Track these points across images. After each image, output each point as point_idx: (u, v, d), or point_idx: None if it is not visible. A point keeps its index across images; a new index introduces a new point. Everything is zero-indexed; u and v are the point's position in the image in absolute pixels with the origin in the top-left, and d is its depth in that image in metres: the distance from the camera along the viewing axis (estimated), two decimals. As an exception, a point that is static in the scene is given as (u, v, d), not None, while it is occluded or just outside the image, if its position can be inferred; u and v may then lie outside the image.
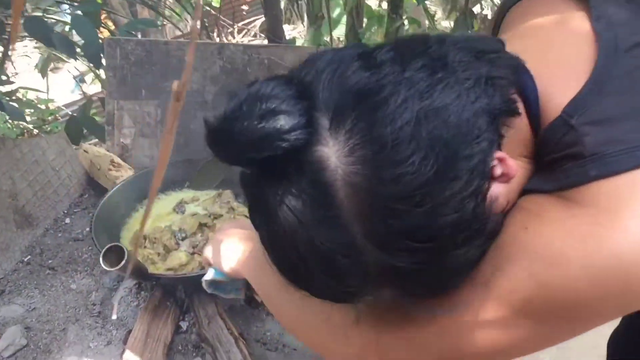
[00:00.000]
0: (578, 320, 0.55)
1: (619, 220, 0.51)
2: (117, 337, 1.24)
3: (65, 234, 1.58)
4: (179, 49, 1.80)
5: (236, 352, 1.14)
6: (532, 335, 0.57)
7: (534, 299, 0.55)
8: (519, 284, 0.55)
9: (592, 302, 0.53)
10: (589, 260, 0.51)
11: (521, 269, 0.55)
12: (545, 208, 0.57)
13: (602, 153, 0.53)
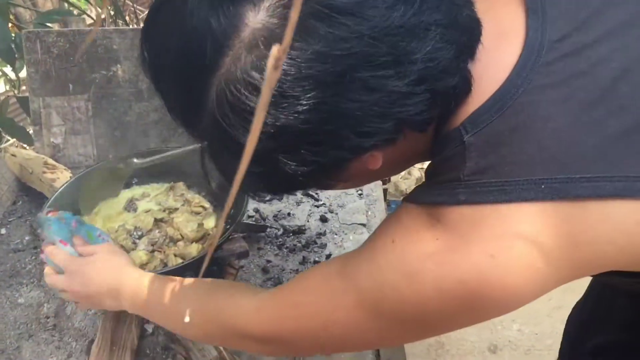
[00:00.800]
0: (431, 327, 0.65)
1: (469, 250, 0.56)
2: (78, 349, 1.16)
3: (3, 245, 1.46)
4: (105, 37, 1.69)
5: (210, 349, 1.09)
6: (399, 334, 0.68)
7: (398, 310, 0.62)
8: (383, 293, 0.62)
9: (442, 316, 0.61)
10: (441, 283, 0.58)
11: (386, 281, 0.62)
12: (416, 224, 0.62)
13: (476, 181, 0.57)
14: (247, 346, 0.83)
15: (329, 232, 1.49)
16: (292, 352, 0.85)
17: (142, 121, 1.75)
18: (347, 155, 0.59)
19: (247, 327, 0.77)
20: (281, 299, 0.76)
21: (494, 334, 2.12)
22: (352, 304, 0.66)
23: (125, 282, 0.94)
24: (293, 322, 0.73)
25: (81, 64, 1.70)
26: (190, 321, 0.86)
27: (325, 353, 0.81)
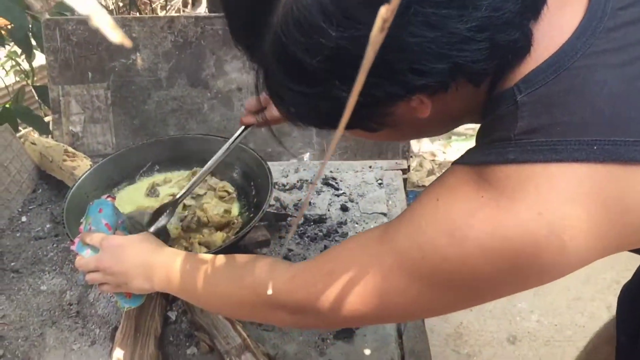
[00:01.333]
0: (474, 292, 0.62)
1: (517, 208, 0.55)
2: (102, 336, 1.16)
3: (24, 233, 1.47)
4: (125, 25, 1.69)
5: (235, 336, 1.09)
6: (440, 300, 0.64)
7: (438, 271, 0.61)
8: (423, 253, 0.61)
9: (486, 277, 0.59)
10: (484, 241, 0.56)
11: (426, 241, 0.61)
12: (461, 183, 0.61)
13: (527, 140, 0.56)
14: (278, 317, 0.80)
15: (350, 221, 1.48)
16: (323, 323, 0.79)
17: (161, 110, 1.75)
18: (399, 92, 0.58)
19: (280, 295, 0.76)
20: (317, 266, 0.74)
21: (512, 325, 2.11)
22: (390, 266, 0.64)
23: (160, 259, 0.94)
24: (326, 292, 0.71)
25: (100, 52, 1.70)
26: (225, 291, 0.84)
27: (358, 324, 0.78)
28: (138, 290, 0.97)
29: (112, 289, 0.99)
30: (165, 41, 1.70)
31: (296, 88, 0.59)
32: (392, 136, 0.71)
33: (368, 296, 0.67)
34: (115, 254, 0.97)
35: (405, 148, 1.80)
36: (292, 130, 1.75)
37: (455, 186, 0.62)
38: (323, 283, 0.71)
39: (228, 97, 1.74)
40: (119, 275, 0.96)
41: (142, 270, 0.94)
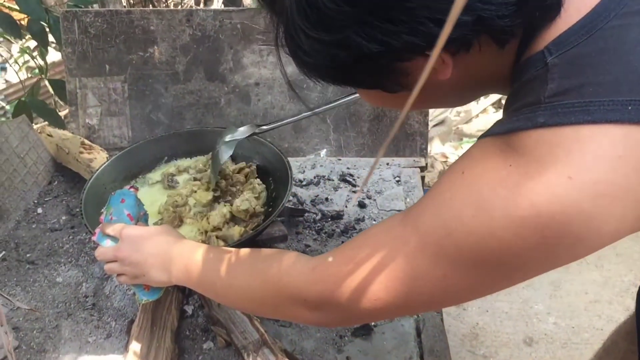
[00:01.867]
0: (502, 270, 0.58)
1: (545, 173, 0.52)
2: (117, 329, 1.15)
3: (40, 224, 1.46)
4: (143, 17, 1.68)
5: (252, 332, 1.07)
6: (466, 283, 0.60)
7: (464, 248, 0.57)
8: (447, 230, 0.57)
9: (514, 251, 0.54)
10: (512, 210, 0.53)
11: (451, 216, 0.57)
12: (488, 155, 0.58)
13: (557, 102, 0.53)
14: (298, 314, 0.77)
15: (368, 218, 1.46)
16: (345, 318, 0.75)
17: (178, 103, 1.74)
18: (418, 42, 0.55)
19: (301, 289, 0.73)
20: (338, 255, 0.71)
21: (529, 327, 2.08)
22: (414, 248, 0.61)
23: (178, 251, 0.92)
24: (349, 281, 0.68)
25: (118, 44, 1.69)
26: (245, 286, 0.82)
27: (380, 316, 0.73)
28: (155, 281, 0.95)
29: (130, 280, 0.97)
30: (184, 34, 1.69)
31: (315, 35, 0.58)
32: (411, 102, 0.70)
33: (391, 283, 0.64)
34: (134, 244, 0.95)
35: (422, 146, 1.77)
36: (309, 127, 1.74)
37: (482, 158, 0.59)
38: (344, 271, 0.68)
39: (245, 92, 1.73)
40: (137, 265, 0.94)
41: (160, 261, 0.92)
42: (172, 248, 0.93)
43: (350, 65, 0.60)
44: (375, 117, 1.73)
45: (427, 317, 1.19)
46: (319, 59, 0.61)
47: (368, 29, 0.55)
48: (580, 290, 2.22)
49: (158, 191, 1.35)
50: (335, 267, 0.70)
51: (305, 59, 0.62)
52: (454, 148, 3.63)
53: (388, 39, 0.55)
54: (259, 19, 1.68)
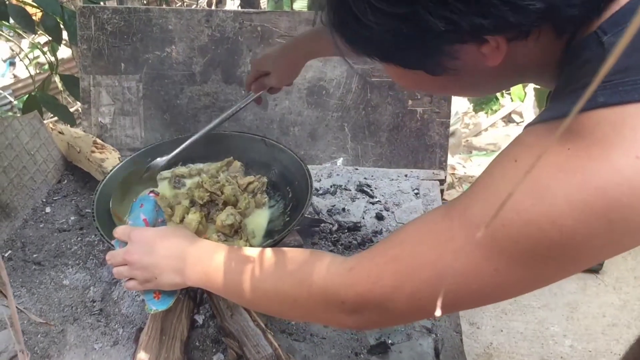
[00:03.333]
0: (560, 261, 0.55)
1: (610, 154, 0.49)
2: (125, 337, 1.11)
3: (48, 224, 1.42)
4: (162, 16, 1.64)
5: (266, 346, 1.02)
6: (519, 277, 0.57)
7: (521, 239, 0.53)
8: (503, 221, 0.54)
9: (577, 240, 0.51)
10: (575, 195, 0.50)
11: (509, 205, 0.54)
12: (542, 140, 0.56)
13: (617, 81, 0.50)
14: (334, 318, 0.73)
15: (386, 231, 1.41)
16: (384, 319, 0.71)
17: (193, 105, 1.70)
18: (487, 25, 0.54)
19: (338, 291, 0.69)
20: (377, 254, 0.67)
21: (545, 349, 2.02)
22: (463, 244, 0.58)
23: (194, 251, 0.87)
24: (391, 278, 0.64)
25: (134, 42, 1.65)
26: (274, 288, 0.77)
27: (425, 316, 0.71)
28: (167, 285, 0.90)
29: (140, 285, 0.91)
30: (202, 35, 1.65)
31: (381, 6, 0.56)
32: (449, 87, 0.68)
33: (436, 281, 0.60)
34: (144, 246, 0.90)
35: (442, 158, 1.73)
36: (326, 134, 1.69)
37: (535, 144, 0.56)
38: (387, 271, 0.65)
39: (263, 96, 1.68)
40: (148, 268, 0.89)
41: (173, 263, 0.87)
42: (186, 249, 0.88)
43: (406, 41, 0.59)
44: (395, 127, 1.69)
45: (446, 336, 1.14)
46: (377, 31, 0.59)
47: (438, 6, 0.54)
48: (597, 313, 2.15)
49: (165, 187, 1.30)
50: (375, 267, 0.66)
51: (361, 31, 0.60)
52: (463, 160, 3.58)
53: (456, 18, 0.54)
54: (280, 21, 1.64)
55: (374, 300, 0.66)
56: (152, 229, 0.96)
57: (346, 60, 0.70)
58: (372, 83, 1.67)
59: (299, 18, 1.64)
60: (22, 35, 3.24)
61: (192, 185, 1.30)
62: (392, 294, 0.64)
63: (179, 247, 0.89)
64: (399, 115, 1.68)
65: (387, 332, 1.12)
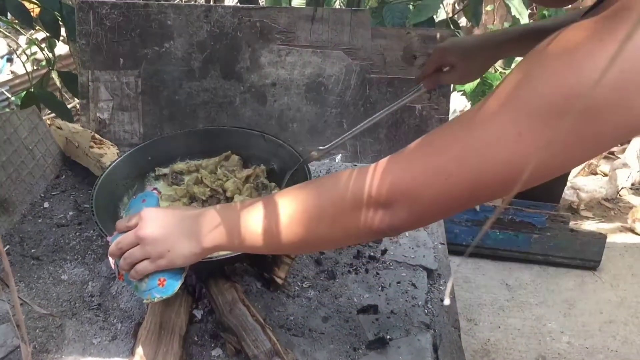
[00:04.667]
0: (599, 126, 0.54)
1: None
2: (123, 331, 1.10)
3: (46, 219, 1.42)
4: (161, 12, 1.64)
5: (264, 340, 1.02)
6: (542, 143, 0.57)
7: (560, 105, 0.54)
8: (543, 91, 0.55)
9: (612, 104, 0.52)
10: (612, 59, 0.50)
11: (544, 77, 0.55)
12: (579, 23, 0.55)
13: None
14: (362, 218, 0.72)
15: (384, 227, 1.41)
16: (414, 214, 0.69)
17: (192, 101, 1.69)
18: None
19: (371, 187, 0.69)
20: (411, 145, 0.68)
21: (542, 346, 2.03)
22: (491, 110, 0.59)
23: (205, 215, 0.85)
24: (421, 161, 0.65)
25: (133, 38, 1.65)
26: (302, 211, 0.76)
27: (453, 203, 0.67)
28: (182, 256, 0.87)
29: (152, 264, 0.88)
30: (201, 31, 1.64)
31: None
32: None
33: (465, 153, 0.61)
34: (155, 220, 0.88)
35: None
36: (325, 130, 1.69)
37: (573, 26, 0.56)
38: (416, 157, 0.66)
39: (262, 92, 1.68)
40: (161, 241, 0.87)
41: (186, 230, 0.86)
42: (197, 216, 0.87)
43: None
44: (394, 123, 1.69)
45: (444, 332, 1.14)
46: None
47: None
48: (594, 310, 2.16)
49: (161, 185, 1.30)
50: (404, 156, 0.67)
51: None
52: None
53: None
54: (279, 17, 1.63)
55: (403, 188, 0.66)
56: (160, 207, 0.94)
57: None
58: (371, 79, 1.67)
59: (298, 14, 1.64)
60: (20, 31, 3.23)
61: (191, 181, 1.30)
62: (424, 179, 0.65)
63: (190, 215, 0.88)
64: (398, 112, 1.68)
65: (386, 328, 1.12)
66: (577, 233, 2.47)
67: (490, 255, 2.54)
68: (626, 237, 2.76)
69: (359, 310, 1.16)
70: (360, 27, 1.64)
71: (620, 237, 2.76)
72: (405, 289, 1.23)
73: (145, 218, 0.89)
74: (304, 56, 1.65)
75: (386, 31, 1.67)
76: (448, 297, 1.22)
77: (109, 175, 1.17)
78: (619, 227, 2.86)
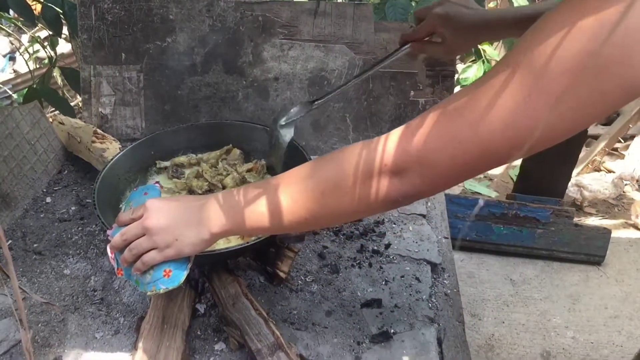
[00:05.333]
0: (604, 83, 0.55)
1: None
2: (126, 326, 1.10)
3: (48, 214, 1.41)
4: (163, 6, 1.63)
5: (267, 334, 1.02)
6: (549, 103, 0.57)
7: (567, 64, 0.55)
8: (550, 52, 0.55)
9: (616, 60, 0.53)
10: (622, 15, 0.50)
11: (551, 37, 0.55)
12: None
13: None
14: (374, 186, 0.72)
15: (387, 221, 1.41)
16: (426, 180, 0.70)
17: (194, 96, 1.69)
18: None
19: (386, 156, 0.69)
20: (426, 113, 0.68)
21: (547, 341, 2.02)
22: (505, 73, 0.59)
23: (212, 200, 0.85)
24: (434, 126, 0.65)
25: (135, 32, 1.64)
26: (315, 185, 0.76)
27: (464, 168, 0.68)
28: (190, 244, 0.87)
29: (160, 254, 0.88)
30: (203, 25, 1.64)
31: None
32: None
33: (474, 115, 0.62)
34: (161, 210, 0.88)
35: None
36: (328, 125, 1.69)
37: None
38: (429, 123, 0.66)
39: (264, 87, 1.68)
40: (168, 229, 0.86)
41: (194, 217, 0.86)
42: (204, 202, 0.87)
43: None
44: (397, 117, 1.68)
45: (449, 326, 1.14)
46: None
47: None
48: (599, 305, 2.15)
49: (162, 178, 1.30)
50: (417, 122, 0.68)
51: None
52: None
53: None
54: (281, 11, 1.63)
55: (417, 155, 0.67)
56: (164, 197, 0.94)
57: None
58: (374, 73, 1.66)
59: (300, 8, 1.63)
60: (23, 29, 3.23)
61: (191, 174, 1.29)
62: (437, 144, 0.65)
63: (196, 202, 0.87)
64: (401, 106, 1.68)
65: (390, 322, 1.11)
66: (581, 228, 2.46)
67: (494, 251, 2.53)
68: (630, 233, 2.75)
69: (363, 304, 1.16)
70: (363, 21, 1.63)
71: (625, 233, 2.75)
72: (409, 282, 1.22)
73: (150, 208, 0.88)
74: (307, 50, 1.64)
75: (389, 25, 1.66)
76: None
77: (111, 169, 1.16)
78: (622, 223, 2.85)
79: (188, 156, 1.33)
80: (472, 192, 3.08)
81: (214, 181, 1.20)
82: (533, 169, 2.70)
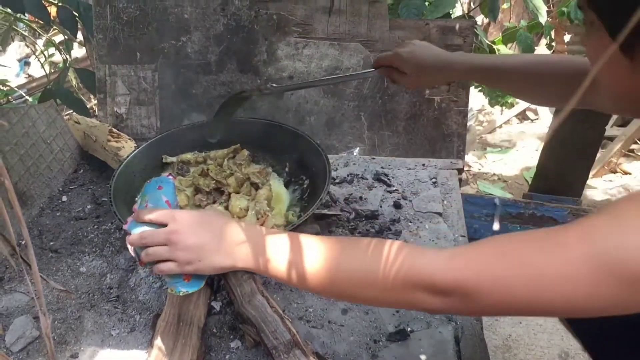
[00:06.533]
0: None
1: None
2: (142, 323, 1.10)
3: (64, 212, 1.42)
4: (177, 5, 1.63)
5: (284, 332, 1.01)
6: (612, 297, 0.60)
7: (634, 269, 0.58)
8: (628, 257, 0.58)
9: None
10: None
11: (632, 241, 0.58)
12: None
13: None
14: (415, 297, 0.74)
15: (403, 219, 1.39)
16: (467, 308, 0.73)
17: (209, 95, 1.69)
18: None
19: (433, 276, 0.71)
20: (484, 247, 0.71)
21: (565, 341, 1.99)
22: (577, 257, 0.61)
23: (246, 234, 0.87)
24: (492, 271, 0.67)
25: (150, 32, 1.65)
26: (350, 272, 0.79)
27: (509, 313, 0.72)
28: (210, 268, 0.89)
29: (178, 267, 0.89)
30: (218, 24, 1.64)
31: None
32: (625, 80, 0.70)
33: (537, 280, 0.64)
34: (191, 227, 0.88)
35: (460, 148, 1.70)
36: (343, 123, 1.68)
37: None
38: (490, 263, 0.68)
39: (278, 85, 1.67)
40: (193, 249, 0.87)
41: (223, 245, 0.87)
42: (235, 232, 0.88)
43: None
44: (412, 115, 1.67)
45: (466, 325, 1.12)
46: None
47: None
48: (617, 306, 2.12)
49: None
50: (479, 257, 0.70)
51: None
52: (477, 157, 3.55)
53: None
54: (296, 9, 1.62)
55: (467, 288, 0.69)
56: (193, 211, 0.94)
57: None
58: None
59: (314, 6, 1.62)
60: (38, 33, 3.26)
61: (197, 172, 1.29)
62: (489, 286, 0.67)
63: (227, 229, 0.88)
64: (416, 104, 1.66)
65: (407, 320, 1.10)
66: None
67: (511, 251, 2.50)
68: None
69: (379, 302, 1.14)
70: (377, 19, 1.62)
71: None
72: (426, 281, 1.21)
73: (179, 222, 0.89)
74: (321, 48, 1.64)
75: (404, 23, 1.65)
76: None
77: (127, 167, 1.16)
78: None
79: (194, 154, 1.33)
80: (487, 194, 3.06)
81: (219, 178, 1.20)
82: (550, 168, 2.67)
